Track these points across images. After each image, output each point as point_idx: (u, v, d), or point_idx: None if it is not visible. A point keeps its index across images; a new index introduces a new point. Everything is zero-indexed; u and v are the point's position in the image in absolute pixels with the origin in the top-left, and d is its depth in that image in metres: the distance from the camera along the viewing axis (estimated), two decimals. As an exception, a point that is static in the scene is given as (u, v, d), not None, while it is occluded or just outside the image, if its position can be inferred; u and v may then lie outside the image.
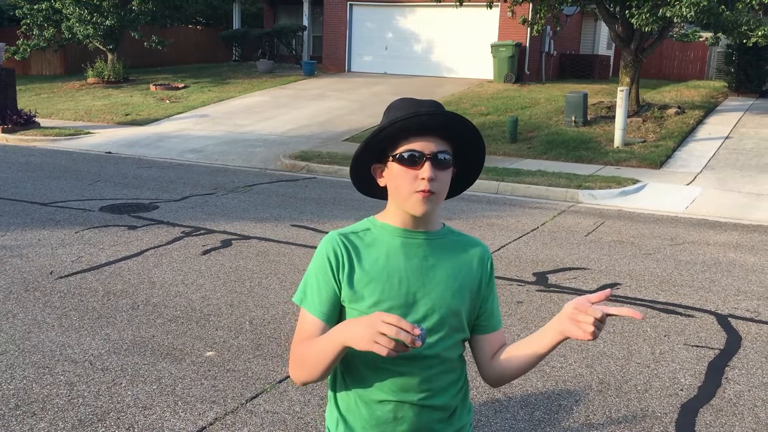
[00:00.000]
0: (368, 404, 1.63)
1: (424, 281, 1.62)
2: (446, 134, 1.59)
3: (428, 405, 1.64)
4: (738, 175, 10.79)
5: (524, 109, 15.65)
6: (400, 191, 1.59)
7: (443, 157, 1.57)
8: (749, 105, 16.76)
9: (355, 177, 1.71)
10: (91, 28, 20.46)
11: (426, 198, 1.57)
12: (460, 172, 1.69)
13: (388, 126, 1.56)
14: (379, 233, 1.65)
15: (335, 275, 1.60)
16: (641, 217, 8.41)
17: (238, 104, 17.77)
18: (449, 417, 1.69)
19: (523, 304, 5.23)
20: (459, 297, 1.65)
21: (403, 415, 1.62)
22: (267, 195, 9.10)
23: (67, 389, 3.75)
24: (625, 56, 14.25)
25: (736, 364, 4.30)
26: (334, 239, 1.63)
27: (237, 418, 3.52)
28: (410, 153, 1.56)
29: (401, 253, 1.63)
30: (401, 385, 1.61)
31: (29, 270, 5.72)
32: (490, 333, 1.74)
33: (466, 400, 1.77)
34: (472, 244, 1.74)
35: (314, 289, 1.62)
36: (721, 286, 5.80)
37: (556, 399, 3.80)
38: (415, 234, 1.65)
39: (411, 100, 1.63)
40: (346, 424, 1.67)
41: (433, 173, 1.55)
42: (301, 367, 1.59)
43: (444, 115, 1.57)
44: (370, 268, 1.61)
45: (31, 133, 14.14)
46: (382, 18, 23.01)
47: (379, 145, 1.61)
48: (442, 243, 1.69)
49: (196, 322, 4.72)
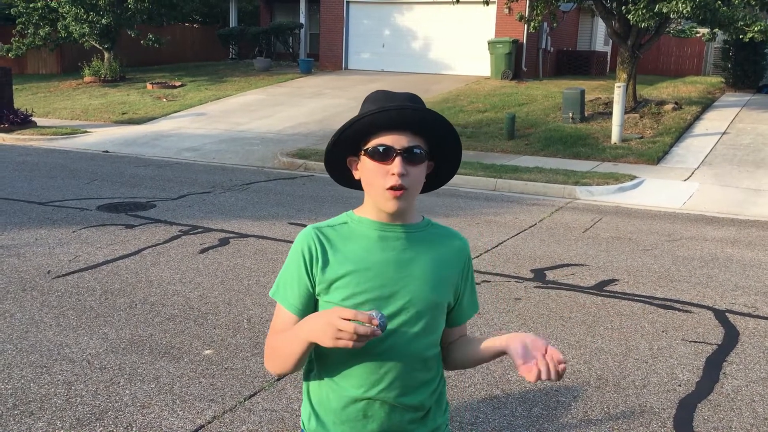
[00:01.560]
0: (339, 399, 1.62)
1: (401, 275, 1.61)
2: (417, 129, 1.57)
3: (400, 404, 1.61)
4: (735, 170, 10.80)
5: (521, 106, 15.65)
6: (372, 186, 1.59)
7: (415, 152, 1.56)
8: (746, 101, 16.77)
9: (330, 170, 1.71)
10: (86, 26, 20.43)
11: (397, 196, 1.56)
12: (438, 166, 1.68)
13: (357, 120, 1.56)
14: (356, 227, 1.65)
15: (309, 270, 1.60)
16: (639, 213, 8.41)
17: (235, 102, 17.75)
18: (423, 417, 1.66)
19: (521, 301, 5.23)
20: (438, 290, 1.64)
21: (373, 413, 1.61)
22: (264, 193, 9.09)
23: (65, 388, 3.75)
24: (622, 52, 14.25)
25: (734, 360, 4.31)
26: (310, 234, 1.63)
27: (235, 416, 3.52)
28: (380, 148, 1.55)
29: (377, 247, 1.62)
30: (373, 382, 1.59)
31: (26, 269, 5.71)
32: (455, 326, 1.75)
33: (442, 400, 1.74)
34: (451, 237, 1.72)
35: (288, 284, 1.63)
36: (719, 281, 5.80)
37: (554, 395, 3.81)
38: (392, 227, 1.64)
39: (385, 94, 1.62)
40: (318, 418, 1.66)
41: (403, 168, 1.54)
42: (274, 360, 1.61)
43: (414, 109, 1.55)
44: (345, 261, 1.60)
45: (27, 132, 14.11)
46: (379, 15, 22.98)
47: (351, 139, 1.60)
48: (421, 236, 1.67)
49: (194, 321, 4.71)
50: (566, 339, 4.55)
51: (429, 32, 22.15)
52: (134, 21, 21.43)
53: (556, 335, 4.60)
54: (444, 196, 9.00)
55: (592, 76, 21.60)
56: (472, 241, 6.84)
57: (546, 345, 1.50)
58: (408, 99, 1.60)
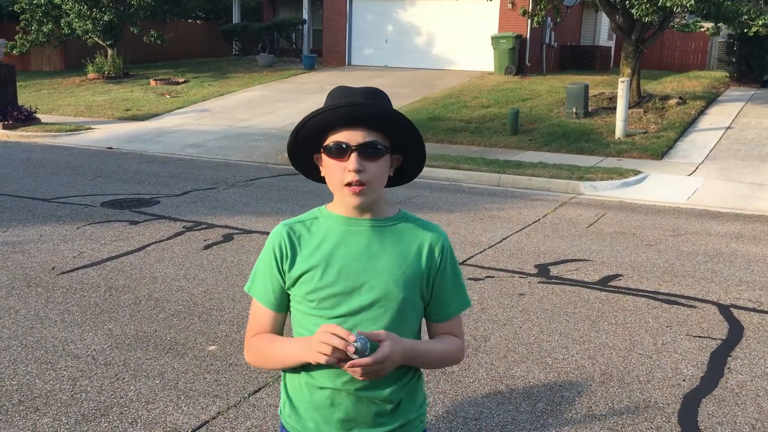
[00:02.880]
0: (309, 387, 1.67)
1: (365, 269, 1.62)
2: (372, 124, 1.57)
3: (366, 396, 1.64)
4: (740, 165, 10.76)
5: (525, 101, 15.61)
6: (332, 183, 1.61)
7: (371, 147, 1.56)
8: (751, 95, 16.71)
9: (299, 167, 1.74)
10: (90, 23, 20.44)
11: (356, 191, 1.57)
12: (407, 159, 1.68)
13: (310, 119, 1.57)
14: (325, 222, 1.68)
15: (279, 265, 1.65)
16: (643, 208, 8.39)
17: (239, 98, 17.75)
18: (392, 410, 1.67)
19: (525, 296, 5.23)
20: (404, 285, 1.63)
21: (340, 402, 1.65)
22: (268, 189, 9.10)
23: (70, 384, 3.76)
24: (626, 47, 14.20)
25: (739, 355, 4.30)
26: (280, 231, 1.68)
27: (239, 412, 3.53)
28: (336, 144, 1.57)
29: (344, 241, 1.64)
30: (338, 372, 1.61)
31: (31, 266, 5.72)
32: (438, 323, 1.73)
33: (416, 395, 1.74)
34: (425, 230, 1.70)
35: (261, 280, 1.69)
36: (723, 276, 5.79)
37: (558, 390, 3.80)
38: (359, 221, 1.65)
39: (345, 90, 1.62)
40: (292, 404, 1.72)
41: (359, 164, 1.55)
42: (260, 359, 1.71)
43: (366, 105, 1.55)
44: (311, 256, 1.63)
45: (31, 129, 14.13)
46: (382, 11, 22.94)
47: (309, 137, 1.61)
48: (390, 230, 1.66)
49: (198, 317, 4.72)
50: (570, 334, 4.54)
51: (432, 27, 22.11)
52: (137, 17, 21.43)
53: (560, 330, 4.60)
54: (447, 191, 8.99)
55: (595, 71, 21.53)
56: (475, 236, 6.84)
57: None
58: (365, 94, 1.60)
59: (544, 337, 4.50)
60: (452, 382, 3.86)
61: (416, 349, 1.63)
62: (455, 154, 11.29)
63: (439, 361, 1.75)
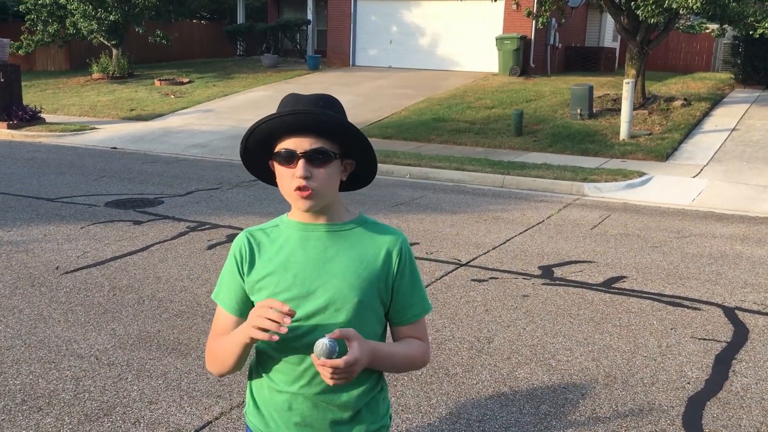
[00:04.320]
0: (270, 390, 1.70)
1: (320, 273, 1.63)
2: (319, 131, 1.58)
3: (323, 401, 1.65)
4: (745, 167, 10.73)
5: (529, 102, 15.59)
6: (283, 189, 1.65)
7: (318, 154, 1.58)
8: (756, 97, 16.66)
9: (253, 173, 1.77)
10: (95, 23, 20.49)
11: (304, 195, 1.59)
12: (360, 165, 1.70)
13: (257, 127, 1.60)
14: (285, 228, 1.70)
15: (240, 271, 1.68)
16: (647, 209, 8.37)
17: (243, 99, 17.77)
18: (350, 419, 1.68)
19: (529, 298, 5.22)
20: (359, 288, 1.63)
21: (297, 406, 1.66)
22: (272, 190, 9.06)
23: (73, 384, 3.76)
24: (631, 48, 14.17)
25: (744, 357, 4.28)
26: (241, 238, 1.71)
27: (242, 412, 3.52)
28: (283, 152, 1.59)
29: (300, 247, 1.66)
30: (295, 377, 1.64)
31: (35, 265, 5.73)
32: (401, 326, 1.73)
33: (377, 405, 1.73)
34: (383, 234, 1.70)
35: (225, 286, 1.71)
36: (728, 278, 5.77)
37: (562, 392, 3.79)
38: (314, 227, 1.67)
39: (294, 97, 1.64)
40: (256, 404, 1.75)
41: (306, 171, 1.57)
42: (214, 362, 1.71)
43: (308, 113, 1.56)
44: (268, 262, 1.66)
45: (36, 128, 14.17)
46: (386, 11, 22.95)
47: (259, 145, 1.64)
48: (347, 234, 1.68)
49: (201, 317, 4.72)
50: (574, 336, 4.53)
51: (436, 28, 22.11)
52: (142, 17, 21.47)
53: (564, 332, 4.59)
54: (451, 192, 8.98)
55: (600, 72, 21.50)
56: (479, 237, 6.83)
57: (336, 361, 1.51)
58: (313, 102, 1.61)
59: (547, 338, 4.49)
60: (455, 384, 3.86)
61: (380, 351, 1.63)
62: (459, 155, 11.28)
63: (403, 364, 1.74)
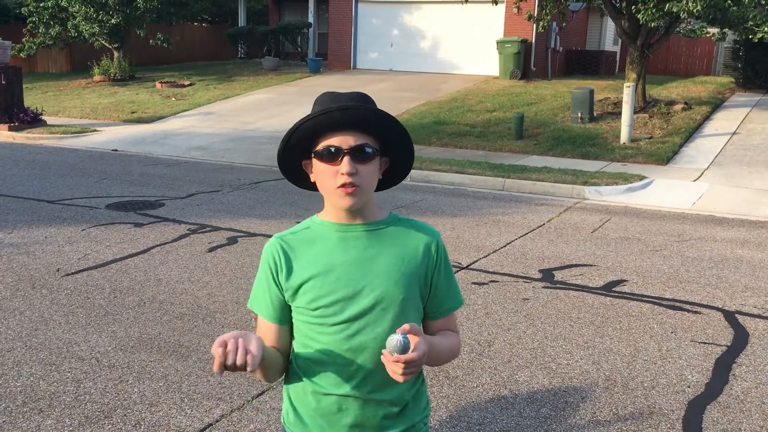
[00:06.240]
0: (315, 395, 1.68)
1: (364, 273, 1.63)
2: (363, 127, 1.58)
3: (373, 399, 1.65)
4: (745, 171, 10.74)
5: (530, 106, 15.61)
6: (325, 187, 1.63)
7: (363, 150, 1.58)
8: (756, 101, 16.67)
9: (288, 175, 1.75)
10: (96, 26, 20.53)
11: (349, 191, 1.58)
12: (393, 162, 1.70)
13: (301, 125, 1.58)
14: (318, 230, 1.69)
15: (276, 279, 1.66)
16: (648, 213, 8.38)
17: (244, 101, 17.79)
18: (399, 413, 1.69)
19: (530, 301, 5.22)
20: (403, 286, 1.64)
21: (348, 407, 1.66)
22: (273, 192, 9.11)
23: (73, 386, 3.76)
24: (632, 52, 14.19)
25: (744, 361, 4.28)
26: (273, 244, 1.69)
27: (243, 415, 3.53)
28: (329, 149, 1.58)
29: (339, 248, 1.65)
30: (345, 378, 1.64)
31: (36, 267, 5.74)
32: (436, 320, 1.75)
33: (421, 398, 1.76)
34: (418, 231, 1.71)
35: (261, 295, 1.70)
36: (729, 282, 5.77)
37: (562, 396, 3.79)
38: (352, 227, 1.66)
39: (331, 95, 1.63)
40: (296, 412, 1.73)
41: (352, 167, 1.56)
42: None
43: (356, 108, 1.56)
44: (308, 266, 1.64)
45: (37, 131, 14.19)
46: (387, 15, 22.98)
47: (300, 144, 1.62)
48: (384, 232, 1.68)
49: (202, 319, 4.72)
50: (574, 339, 4.53)
51: (438, 32, 22.13)
52: (143, 20, 21.50)
53: (565, 336, 4.59)
54: (452, 195, 8.99)
55: (601, 75, 21.52)
56: (479, 240, 6.83)
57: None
58: (353, 98, 1.61)
59: (548, 342, 4.49)
60: (456, 387, 3.86)
61: (435, 345, 1.64)
62: (460, 158, 11.28)
63: (447, 356, 1.76)
